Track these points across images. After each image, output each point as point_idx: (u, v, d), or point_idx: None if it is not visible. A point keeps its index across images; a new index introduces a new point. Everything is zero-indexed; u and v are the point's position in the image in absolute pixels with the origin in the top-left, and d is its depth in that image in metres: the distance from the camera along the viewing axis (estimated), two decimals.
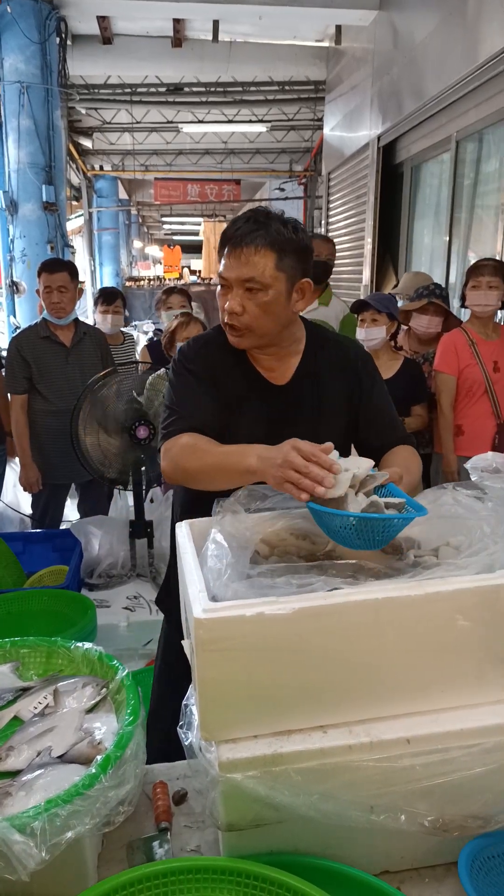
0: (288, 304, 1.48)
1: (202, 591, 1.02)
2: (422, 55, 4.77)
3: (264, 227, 1.41)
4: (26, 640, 1.44)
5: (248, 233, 1.41)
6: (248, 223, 1.42)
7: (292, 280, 1.46)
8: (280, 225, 1.43)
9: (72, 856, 0.97)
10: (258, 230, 1.41)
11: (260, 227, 1.41)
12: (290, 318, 1.52)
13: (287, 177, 13.25)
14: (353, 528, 1.11)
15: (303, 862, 1.00)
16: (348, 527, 1.11)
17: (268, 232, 1.41)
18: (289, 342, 1.57)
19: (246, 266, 1.41)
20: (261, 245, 1.40)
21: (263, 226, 1.41)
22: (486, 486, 1.46)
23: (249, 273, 1.42)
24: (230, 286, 1.45)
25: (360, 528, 1.11)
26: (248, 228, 1.41)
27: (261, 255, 1.41)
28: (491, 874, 1.02)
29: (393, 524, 1.12)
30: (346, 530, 1.11)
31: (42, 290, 3.38)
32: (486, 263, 3.16)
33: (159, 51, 7.54)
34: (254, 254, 1.40)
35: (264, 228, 1.41)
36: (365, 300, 3.19)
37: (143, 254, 24.18)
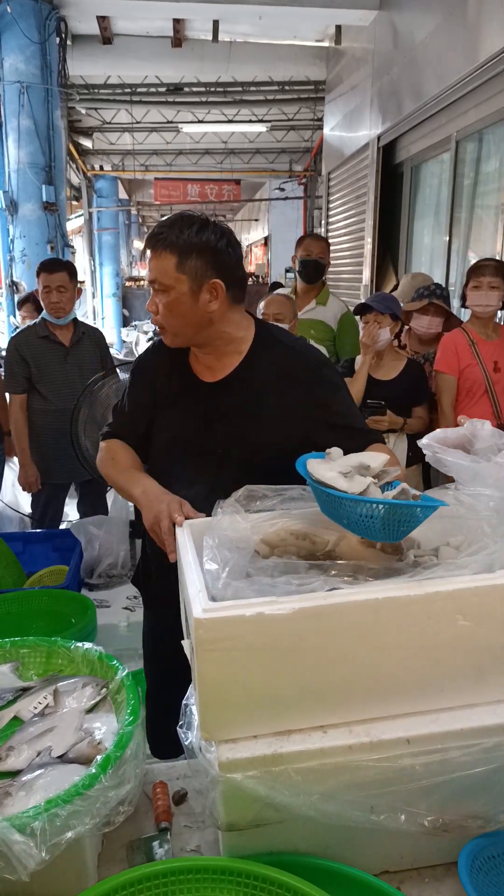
0: (196, 304, 1.49)
1: (202, 591, 1.02)
2: (422, 55, 4.77)
3: (168, 230, 1.47)
4: (26, 640, 1.44)
5: (156, 236, 1.48)
6: (159, 227, 1.50)
7: (198, 281, 1.48)
8: (186, 228, 1.47)
9: (72, 856, 0.97)
10: (161, 234, 1.48)
11: (165, 231, 1.48)
12: (203, 318, 1.52)
13: (287, 177, 13.25)
14: (380, 517, 1.09)
15: (303, 862, 1.00)
16: (374, 515, 1.09)
17: (168, 236, 1.47)
18: (224, 342, 1.58)
19: (154, 269, 1.49)
20: (160, 248, 1.47)
21: (168, 229, 1.47)
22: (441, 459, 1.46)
23: (153, 275, 1.50)
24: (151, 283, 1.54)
25: (387, 517, 1.09)
26: (156, 232, 1.49)
27: (162, 258, 1.47)
28: (491, 874, 1.02)
29: (419, 512, 1.11)
30: (370, 519, 1.10)
31: (41, 290, 3.38)
32: (487, 264, 3.16)
33: (159, 51, 7.54)
34: (157, 257, 1.48)
35: (167, 232, 1.47)
36: (367, 303, 3.18)
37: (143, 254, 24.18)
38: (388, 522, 1.10)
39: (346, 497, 1.11)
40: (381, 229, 6.06)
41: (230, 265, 1.51)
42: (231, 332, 1.58)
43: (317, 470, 1.19)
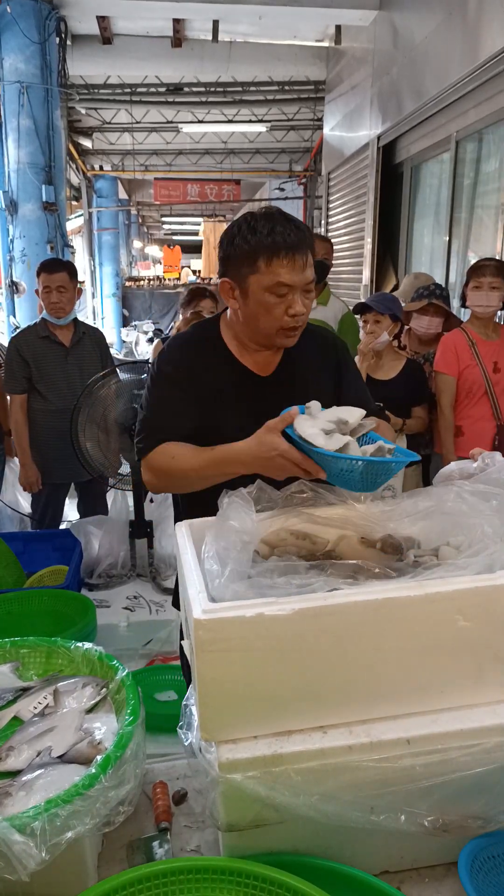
0: None
1: (202, 591, 1.02)
2: (422, 55, 4.77)
3: (303, 229, 1.46)
4: (26, 640, 1.44)
5: (301, 240, 1.45)
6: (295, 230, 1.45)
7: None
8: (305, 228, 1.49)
9: (72, 856, 0.97)
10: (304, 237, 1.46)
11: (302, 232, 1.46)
12: None
13: (287, 177, 13.25)
14: (359, 471, 1.25)
15: (303, 862, 1.00)
16: (353, 469, 1.25)
17: (308, 239, 1.47)
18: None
19: (305, 270, 1.46)
20: (309, 251, 1.47)
21: (303, 228, 1.47)
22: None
23: (309, 277, 1.47)
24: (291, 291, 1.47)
25: (365, 471, 1.25)
26: (298, 236, 1.45)
27: (310, 261, 1.47)
28: (491, 874, 1.02)
29: (393, 466, 1.26)
30: (350, 473, 1.26)
31: (41, 290, 3.38)
32: (488, 264, 3.16)
33: (159, 51, 7.53)
34: (308, 259, 1.47)
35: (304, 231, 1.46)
36: (366, 303, 3.18)
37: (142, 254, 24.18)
38: (366, 475, 1.25)
39: (326, 454, 1.25)
40: (381, 229, 6.06)
41: None
42: None
43: (301, 427, 1.32)
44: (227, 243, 1.51)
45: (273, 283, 1.45)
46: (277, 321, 1.49)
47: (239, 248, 1.48)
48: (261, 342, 1.57)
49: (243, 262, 1.47)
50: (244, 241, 1.46)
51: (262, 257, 1.44)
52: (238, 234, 1.48)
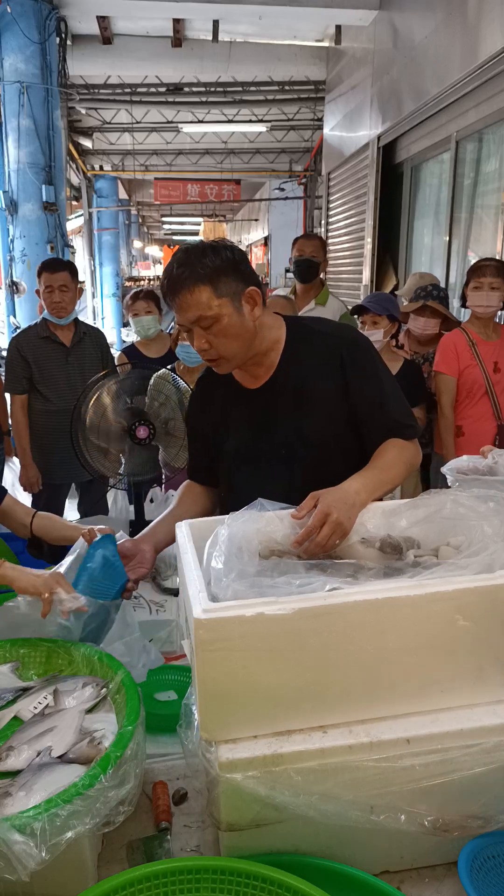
0: (243, 319, 1.50)
1: (202, 591, 1.02)
2: (422, 55, 4.77)
3: (188, 266, 1.45)
4: (26, 640, 1.44)
5: (178, 278, 1.46)
6: (177, 269, 1.47)
7: (236, 297, 1.49)
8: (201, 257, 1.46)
9: (72, 856, 0.97)
10: (184, 272, 1.45)
11: (185, 267, 1.46)
12: (252, 329, 1.53)
13: (287, 177, 13.25)
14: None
15: (303, 862, 1.00)
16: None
17: (192, 270, 1.45)
18: (267, 346, 1.59)
19: (191, 308, 1.46)
20: (191, 284, 1.45)
21: (188, 265, 1.46)
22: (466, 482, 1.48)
23: (196, 313, 1.46)
24: (190, 329, 1.51)
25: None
26: (177, 274, 1.46)
27: (196, 293, 1.45)
28: (491, 874, 1.02)
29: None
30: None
31: (43, 290, 3.38)
32: (488, 264, 3.16)
33: (159, 51, 7.53)
34: (189, 295, 1.45)
35: (188, 267, 1.45)
36: (364, 304, 3.18)
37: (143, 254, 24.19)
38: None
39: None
40: (381, 229, 6.06)
41: (250, 272, 1.53)
42: (268, 334, 1.59)
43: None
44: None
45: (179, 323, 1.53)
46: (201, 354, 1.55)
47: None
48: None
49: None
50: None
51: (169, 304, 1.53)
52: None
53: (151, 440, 3.08)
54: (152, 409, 3.08)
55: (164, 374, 3.08)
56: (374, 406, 1.58)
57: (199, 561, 1.14)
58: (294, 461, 1.57)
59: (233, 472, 1.66)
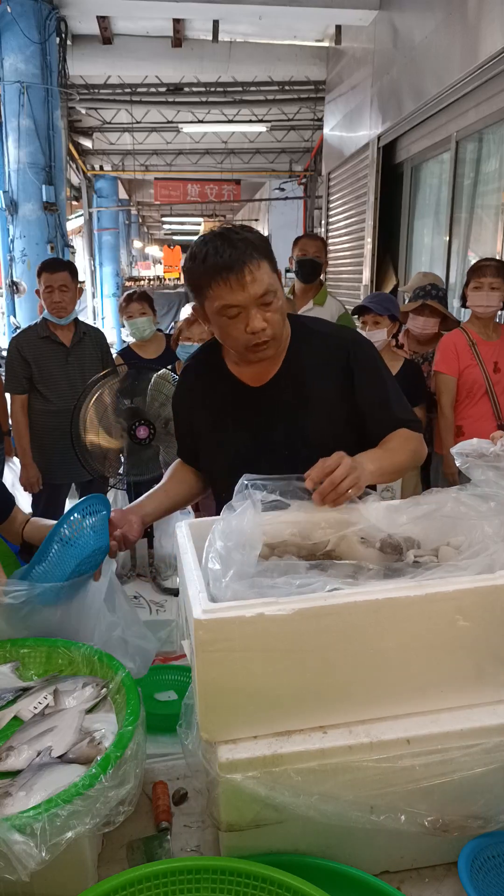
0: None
1: (202, 591, 1.02)
2: (422, 55, 4.77)
3: (244, 242, 1.42)
4: (26, 640, 1.44)
5: (237, 257, 1.40)
6: (229, 247, 1.41)
7: (278, 274, 1.49)
8: (247, 232, 1.45)
9: (72, 856, 0.97)
10: (244, 247, 1.41)
11: (241, 243, 1.42)
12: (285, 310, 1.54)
13: (287, 177, 13.25)
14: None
15: (303, 862, 1.00)
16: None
17: (250, 244, 1.42)
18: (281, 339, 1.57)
19: (256, 282, 1.41)
20: (257, 258, 1.41)
21: (243, 241, 1.42)
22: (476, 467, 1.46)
23: (262, 288, 1.42)
24: (243, 310, 1.44)
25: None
26: (232, 254, 1.40)
27: (262, 267, 1.42)
28: (491, 874, 1.02)
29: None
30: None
31: (43, 290, 3.38)
32: (488, 264, 3.16)
33: (159, 51, 7.54)
34: (257, 269, 1.41)
35: (244, 243, 1.42)
36: (365, 304, 3.18)
37: (143, 254, 24.20)
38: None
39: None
40: (381, 229, 6.06)
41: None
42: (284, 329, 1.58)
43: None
44: (183, 274, 1.55)
45: (221, 307, 1.44)
46: (241, 341, 1.47)
47: (188, 280, 1.51)
48: (240, 359, 1.56)
49: (195, 292, 1.49)
50: (190, 272, 1.48)
51: (204, 284, 1.44)
52: (186, 264, 1.50)
53: (151, 440, 3.08)
54: (152, 409, 3.08)
55: (164, 374, 3.08)
56: (380, 405, 1.59)
57: (198, 561, 1.14)
58: (297, 461, 1.55)
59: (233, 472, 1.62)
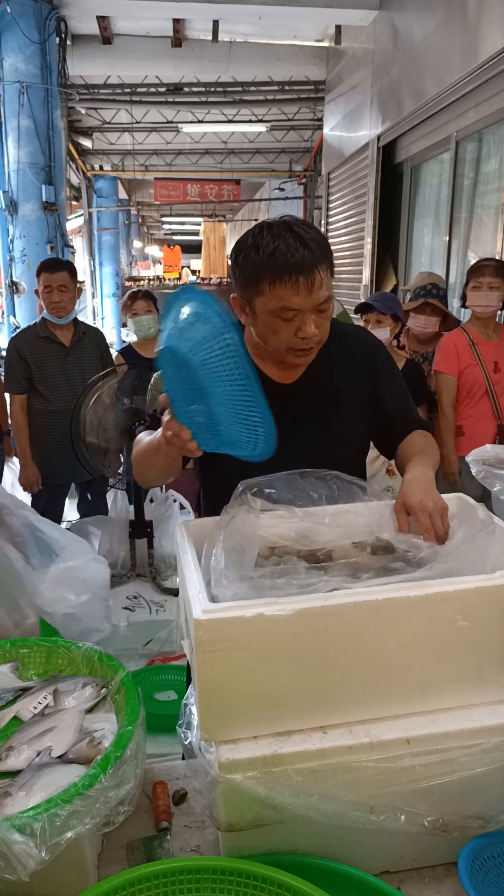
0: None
1: (202, 591, 1.02)
2: (422, 55, 4.77)
3: (316, 243, 1.34)
4: (26, 640, 1.44)
5: (309, 259, 1.32)
6: (302, 247, 1.32)
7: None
8: (316, 233, 1.37)
9: (72, 856, 0.97)
10: (313, 254, 1.33)
11: (313, 244, 1.34)
12: None
13: (287, 177, 13.24)
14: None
15: (303, 862, 1.00)
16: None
17: (323, 251, 1.35)
18: None
19: (320, 290, 1.35)
20: (324, 266, 1.34)
21: (315, 242, 1.34)
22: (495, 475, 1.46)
23: (321, 297, 1.36)
24: (299, 313, 1.36)
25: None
26: (305, 255, 1.32)
27: (325, 275, 1.35)
28: (491, 874, 1.02)
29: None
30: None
31: (42, 290, 3.38)
32: (488, 264, 3.16)
33: (159, 51, 7.53)
34: (323, 277, 1.34)
35: (316, 245, 1.34)
36: (369, 302, 3.18)
37: (142, 254, 24.19)
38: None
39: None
40: (381, 229, 6.06)
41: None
42: None
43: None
44: (234, 259, 1.42)
45: (278, 308, 1.35)
46: (286, 343, 1.41)
47: (244, 267, 1.38)
48: (273, 358, 1.50)
49: (248, 283, 1.38)
50: (248, 260, 1.36)
51: (265, 280, 1.34)
52: (243, 251, 1.38)
53: None
54: (152, 408, 3.08)
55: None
56: (404, 410, 1.60)
57: (198, 561, 1.14)
58: (315, 462, 1.48)
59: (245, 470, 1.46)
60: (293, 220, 1.39)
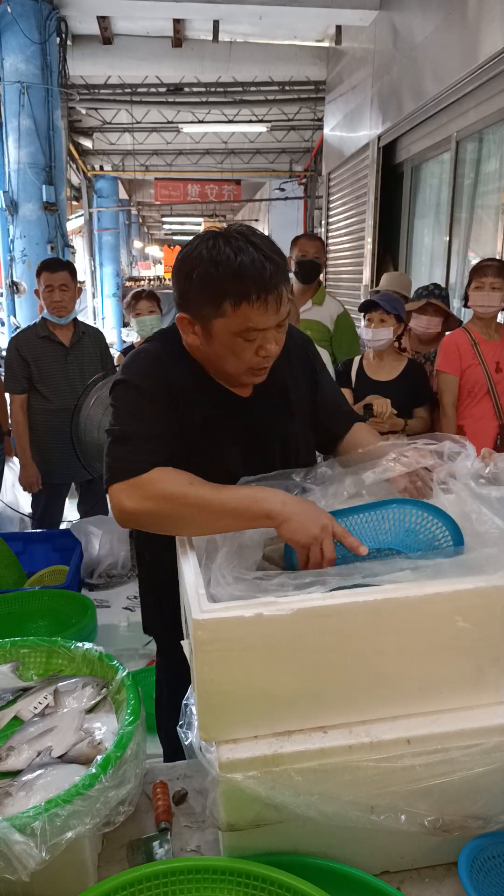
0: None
1: (201, 591, 1.02)
2: (422, 55, 4.77)
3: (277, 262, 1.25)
4: (26, 640, 1.44)
5: (274, 274, 1.23)
6: (268, 261, 1.23)
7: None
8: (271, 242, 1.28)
9: (72, 856, 0.97)
10: (277, 268, 1.24)
11: (277, 259, 1.25)
12: None
13: (287, 177, 13.24)
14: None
15: (303, 862, 1.00)
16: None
17: (282, 261, 1.27)
18: None
19: (280, 309, 1.26)
20: (284, 282, 1.26)
21: (276, 261, 1.25)
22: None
23: (283, 313, 1.28)
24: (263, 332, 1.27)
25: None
26: (271, 269, 1.22)
27: (284, 294, 1.27)
28: (491, 874, 1.02)
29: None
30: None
31: (43, 290, 3.38)
32: (490, 264, 3.16)
33: (159, 51, 7.53)
34: (283, 293, 1.26)
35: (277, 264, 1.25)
36: (375, 300, 3.17)
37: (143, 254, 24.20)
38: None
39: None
40: (381, 229, 6.06)
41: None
42: None
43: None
44: (183, 277, 1.27)
45: (243, 329, 1.25)
46: (247, 363, 1.31)
47: (198, 286, 1.24)
48: (224, 380, 1.40)
49: (205, 303, 1.25)
50: (206, 277, 1.23)
51: (228, 300, 1.22)
52: (198, 268, 1.24)
53: None
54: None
55: None
56: (338, 403, 1.61)
57: (198, 561, 1.14)
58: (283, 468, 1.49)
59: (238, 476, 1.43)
60: (247, 230, 1.28)
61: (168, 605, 1.38)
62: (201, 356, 1.39)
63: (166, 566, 1.37)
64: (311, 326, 3.75)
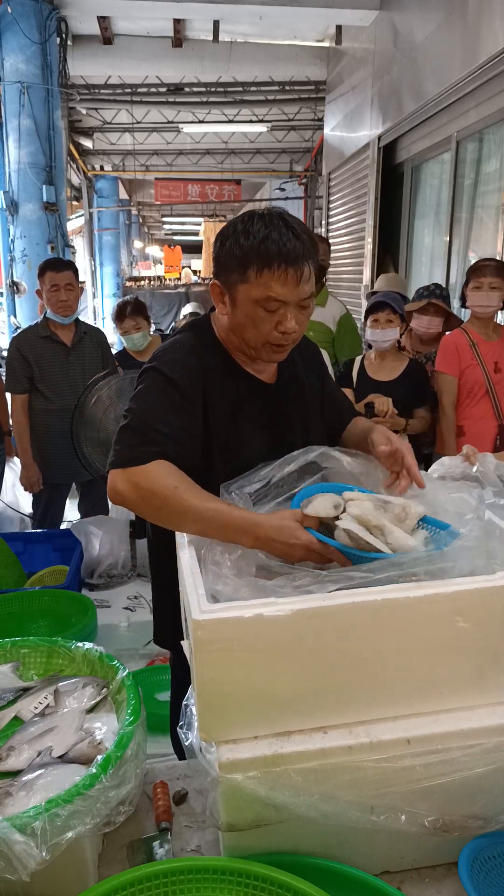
0: None
1: (201, 592, 1.02)
2: (422, 55, 4.77)
3: (308, 237, 1.33)
4: (26, 640, 1.44)
5: (299, 250, 1.30)
6: (294, 238, 1.30)
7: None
8: (305, 230, 1.35)
9: (72, 856, 0.97)
10: (304, 246, 1.31)
11: (306, 237, 1.32)
12: None
13: (287, 177, 13.24)
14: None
15: (303, 862, 1.00)
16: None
17: (312, 245, 1.33)
18: None
19: (302, 285, 1.32)
20: (311, 261, 1.33)
21: (303, 240, 1.31)
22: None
23: (306, 292, 1.34)
24: (283, 306, 1.33)
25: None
26: (296, 245, 1.30)
27: (308, 273, 1.33)
28: (491, 874, 1.02)
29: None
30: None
31: (48, 289, 3.38)
32: (488, 264, 3.16)
33: (159, 51, 7.53)
34: (307, 272, 1.32)
35: (308, 239, 1.32)
36: (384, 300, 3.16)
37: (143, 254, 24.19)
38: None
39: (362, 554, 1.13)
40: (382, 229, 6.06)
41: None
42: None
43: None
44: (219, 244, 1.38)
45: (263, 297, 1.31)
46: (265, 336, 1.36)
47: (230, 252, 1.34)
48: (245, 353, 1.44)
49: (233, 269, 1.33)
50: (236, 246, 1.32)
51: (252, 266, 1.30)
52: (231, 236, 1.34)
53: None
54: None
55: None
56: (338, 396, 1.69)
57: (198, 561, 1.14)
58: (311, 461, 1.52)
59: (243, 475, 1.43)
60: (285, 212, 1.37)
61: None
62: (227, 333, 1.44)
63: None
64: (313, 327, 3.75)
